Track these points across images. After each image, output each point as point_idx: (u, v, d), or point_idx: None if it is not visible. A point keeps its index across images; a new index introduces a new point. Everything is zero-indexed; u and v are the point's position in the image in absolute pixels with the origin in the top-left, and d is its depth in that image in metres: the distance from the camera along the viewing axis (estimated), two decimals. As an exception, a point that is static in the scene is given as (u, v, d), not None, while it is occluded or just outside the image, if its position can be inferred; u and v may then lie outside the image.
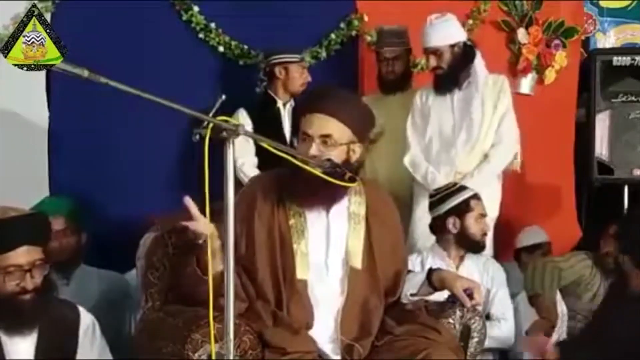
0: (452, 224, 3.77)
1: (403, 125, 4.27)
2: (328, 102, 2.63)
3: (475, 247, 3.81)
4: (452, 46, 4.15)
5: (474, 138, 4.16)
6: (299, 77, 4.43)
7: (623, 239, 3.20)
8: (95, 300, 3.79)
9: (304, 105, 2.71)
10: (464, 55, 4.17)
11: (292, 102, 4.47)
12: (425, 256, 3.81)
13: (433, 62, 4.17)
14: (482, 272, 3.80)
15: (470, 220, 3.76)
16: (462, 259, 3.81)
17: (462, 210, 3.76)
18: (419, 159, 4.20)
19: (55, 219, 3.79)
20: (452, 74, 4.18)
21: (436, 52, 4.15)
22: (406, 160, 4.22)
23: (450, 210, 3.77)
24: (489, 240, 4.16)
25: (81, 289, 3.82)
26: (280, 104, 4.44)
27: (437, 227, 3.83)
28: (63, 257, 3.81)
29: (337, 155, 2.60)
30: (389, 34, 4.52)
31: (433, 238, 3.87)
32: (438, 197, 3.83)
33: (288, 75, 4.43)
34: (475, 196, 3.80)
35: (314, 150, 2.58)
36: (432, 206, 3.85)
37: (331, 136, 2.59)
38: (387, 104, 4.43)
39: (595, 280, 4.02)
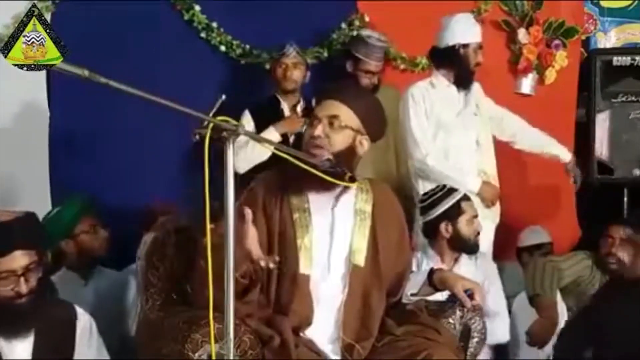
0: (444, 228, 3.74)
1: None
2: (340, 90, 2.71)
3: (470, 248, 3.78)
4: None
5: (488, 138, 4.20)
6: (281, 76, 4.28)
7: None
8: (109, 301, 3.81)
9: (319, 95, 2.76)
10: None
11: (302, 104, 4.34)
12: (420, 259, 3.78)
13: (480, 57, 4.16)
14: (476, 271, 3.76)
15: (463, 223, 3.73)
16: (456, 260, 3.79)
17: (453, 213, 3.73)
18: (444, 163, 4.08)
19: (84, 219, 3.83)
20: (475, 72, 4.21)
21: (479, 48, 4.15)
22: (431, 164, 4.07)
23: (442, 214, 3.74)
24: (488, 242, 4.18)
25: (97, 290, 3.84)
26: (284, 105, 4.34)
27: (430, 231, 3.79)
28: (91, 255, 3.84)
29: (342, 139, 2.61)
30: (375, 48, 4.40)
31: None
32: (429, 201, 3.79)
33: (276, 74, 4.34)
34: (465, 197, 3.78)
35: (318, 130, 2.59)
36: (422, 211, 3.81)
37: (338, 117, 2.61)
38: None
39: (595, 280, 4.00)
